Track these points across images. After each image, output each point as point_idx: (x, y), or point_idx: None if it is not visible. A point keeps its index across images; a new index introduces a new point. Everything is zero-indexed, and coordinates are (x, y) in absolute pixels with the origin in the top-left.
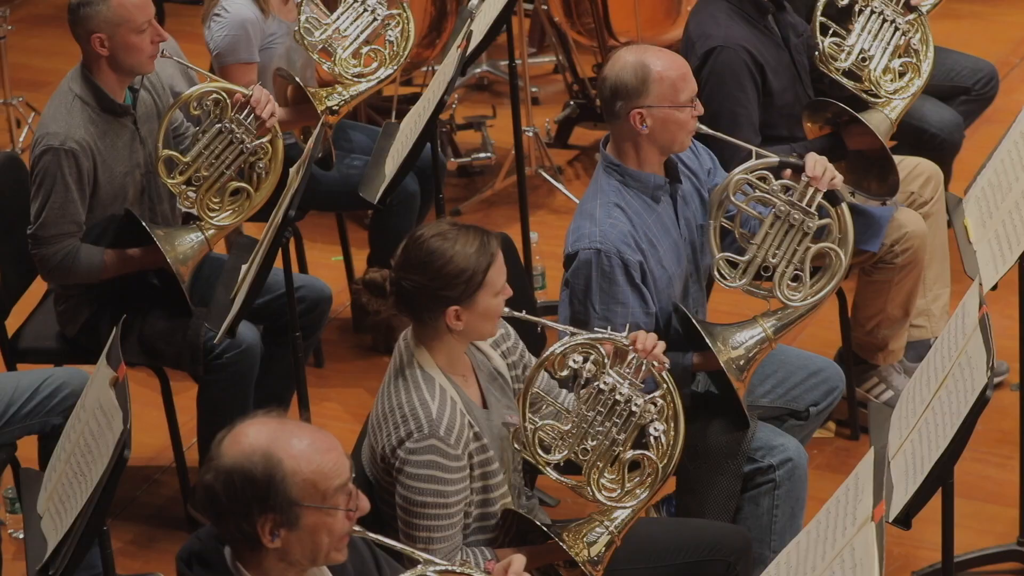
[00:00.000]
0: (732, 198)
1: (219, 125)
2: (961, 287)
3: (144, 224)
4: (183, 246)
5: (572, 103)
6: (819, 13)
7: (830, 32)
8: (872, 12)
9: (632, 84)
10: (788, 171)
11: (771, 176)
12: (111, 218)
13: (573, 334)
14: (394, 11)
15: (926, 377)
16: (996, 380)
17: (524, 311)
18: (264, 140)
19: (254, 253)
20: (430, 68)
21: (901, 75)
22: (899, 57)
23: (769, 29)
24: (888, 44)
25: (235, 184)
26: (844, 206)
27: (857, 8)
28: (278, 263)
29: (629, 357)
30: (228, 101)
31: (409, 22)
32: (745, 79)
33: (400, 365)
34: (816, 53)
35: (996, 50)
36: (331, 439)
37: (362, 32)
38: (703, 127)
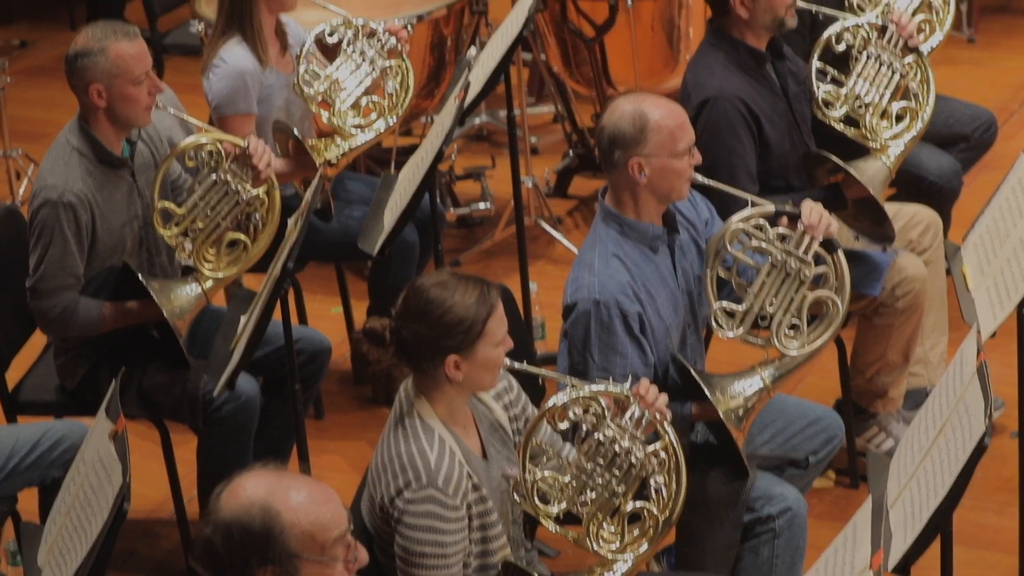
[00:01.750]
0: (729, 247)
1: (214, 176)
2: (959, 334)
3: (140, 277)
4: (180, 299)
5: (571, 153)
6: (815, 59)
7: (828, 78)
8: (869, 56)
9: (630, 133)
10: (784, 220)
11: (767, 225)
12: (109, 270)
13: (574, 386)
14: (393, 62)
15: (924, 425)
16: (995, 413)
17: (524, 362)
18: (260, 191)
19: (253, 305)
20: (429, 119)
21: (899, 119)
22: (897, 101)
23: (767, 78)
24: (885, 89)
25: (232, 235)
26: (840, 254)
27: (854, 53)
28: (277, 315)
29: (630, 409)
30: (223, 152)
31: (408, 73)
32: (740, 129)
33: (400, 415)
34: (812, 100)
35: (995, 96)
36: (328, 491)
37: (361, 83)
38: (700, 177)
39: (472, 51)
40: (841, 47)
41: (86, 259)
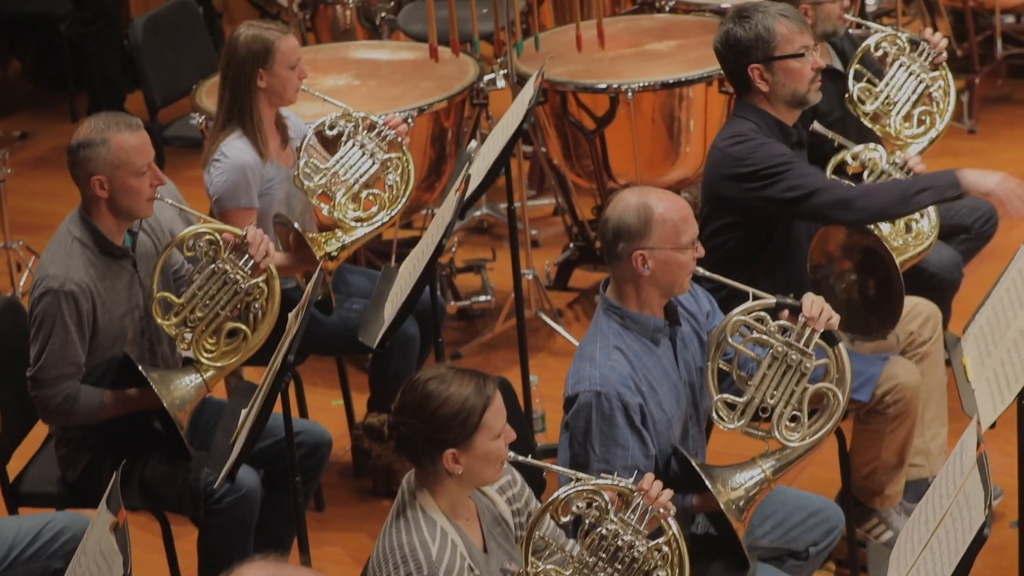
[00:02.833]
0: (730, 340)
1: (213, 266)
2: (959, 425)
3: (140, 368)
4: (180, 389)
5: (572, 245)
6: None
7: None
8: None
9: (635, 225)
10: (785, 312)
11: (768, 317)
12: (110, 360)
13: (576, 479)
14: (393, 154)
15: (924, 516)
16: (994, 501)
17: (529, 455)
18: (259, 280)
19: (254, 398)
20: (430, 211)
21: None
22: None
23: (800, 152)
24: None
25: (231, 325)
26: (842, 346)
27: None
28: (277, 408)
29: (634, 503)
30: (221, 241)
31: (409, 165)
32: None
33: (402, 506)
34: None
35: None
36: None
37: (361, 176)
38: (701, 270)
39: (473, 144)
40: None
41: (87, 348)
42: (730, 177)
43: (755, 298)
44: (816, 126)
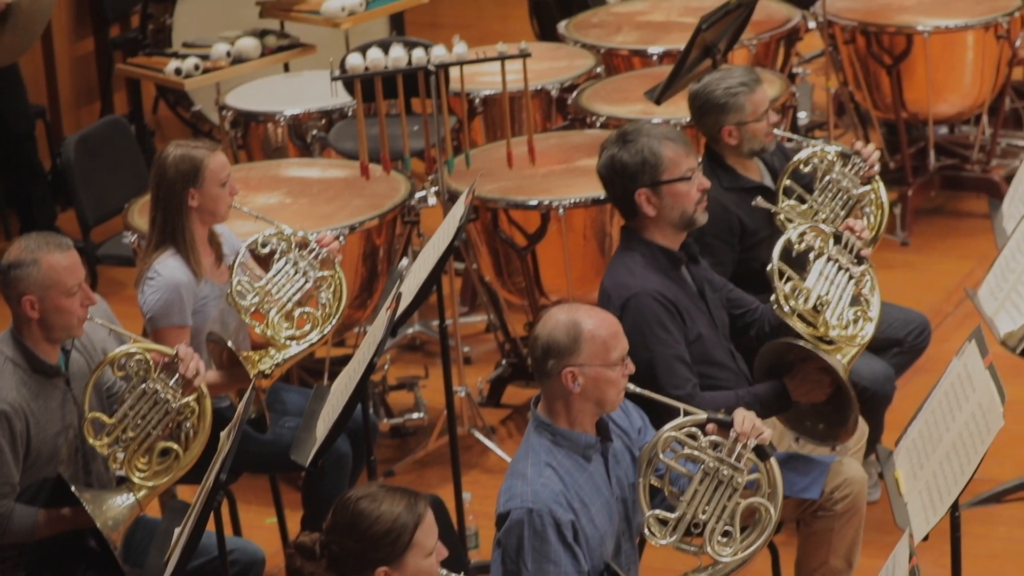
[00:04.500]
0: (661, 456)
1: (144, 385)
2: (892, 538)
3: (73, 489)
4: (113, 509)
5: (504, 362)
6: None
7: (785, 277)
8: (829, 259)
9: (564, 343)
10: (716, 427)
11: (700, 433)
12: (44, 480)
13: None
14: (326, 272)
15: None
16: None
17: (462, 573)
18: (190, 399)
19: (187, 516)
20: (362, 329)
21: (854, 322)
22: (852, 305)
23: (683, 279)
24: (844, 291)
25: (163, 444)
26: (773, 461)
27: (813, 255)
28: (211, 526)
29: None
30: (151, 361)
31: (341, 283)
32: (667, 320)
33: None
34: (772, 297)
35: (930, 299)
36: None
37: (294, 295)
38: (632, 386)
39: (404, 261)
40: (801, 247)
41: (21, 468)
42: None
43: (686, 414)
44: (759, 201)
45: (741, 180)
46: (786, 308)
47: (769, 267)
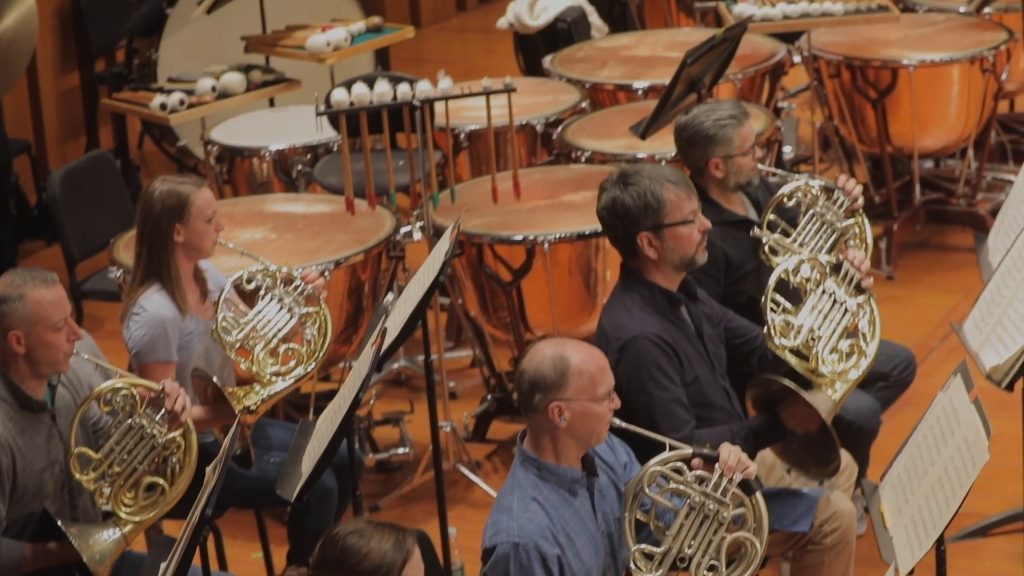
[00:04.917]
0: (647, 490)
1: (130, 421)
2: (878, 572)
3: (60, 524)
4: (99, 544)
5: (489, 397)
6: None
7: (780, 309)
8: (824, 292)
9: (551, 377)
10: (701, 462)
11: (685, 467)
12: (31, 515)
13: None
14: (311, 308)
15: None
16: None
17: None
18: (176, 434)
19: (173, 551)
20: (347, 364)
21: (848, 356)
22: (847, 338)
23: (682, 320)
24: (838, 325)
25: (149, 479)
26: (759, 495)
27: (808, 288)
28: (196, 561)
29: None
30: (137, 396)
31: (326, 319)
32: (665, 363)
33: None
34: (765, 329)
35: (915, 333)
36: None
37: (279, 331)
38: (618, 421)
39: (390, 296)
40: (796, 280)
41: (8, 502)
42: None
43: (672, 448)
44: (756, 231)
45: (725, 214)
46: (778, 343)
47: (763, 300)
